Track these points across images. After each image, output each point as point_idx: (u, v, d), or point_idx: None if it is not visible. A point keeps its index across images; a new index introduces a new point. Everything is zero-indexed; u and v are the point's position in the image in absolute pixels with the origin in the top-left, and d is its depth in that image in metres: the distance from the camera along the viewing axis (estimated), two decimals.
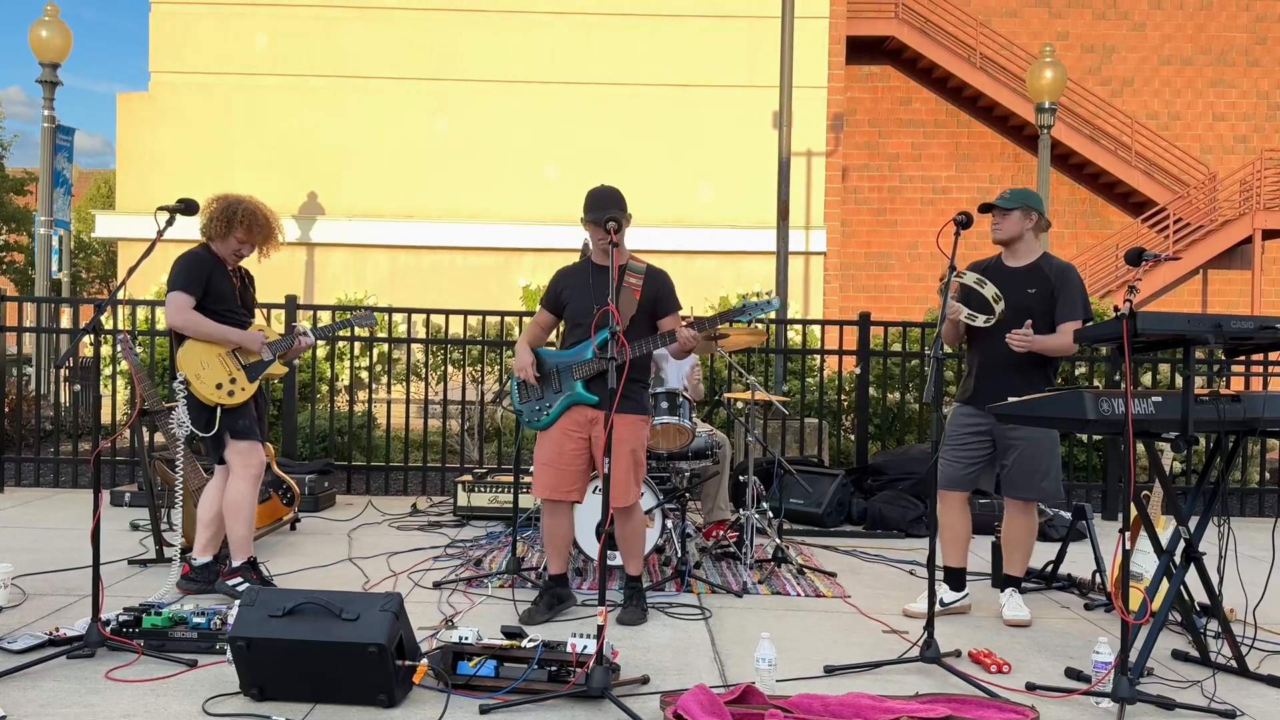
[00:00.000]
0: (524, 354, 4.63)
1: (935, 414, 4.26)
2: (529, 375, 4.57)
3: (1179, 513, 4.05)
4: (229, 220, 4.68)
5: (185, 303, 4.63)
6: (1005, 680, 3.84)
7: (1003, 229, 4.71)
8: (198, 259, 4.70)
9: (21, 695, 3.43)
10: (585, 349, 4.51)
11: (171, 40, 14.45)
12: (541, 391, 4.57)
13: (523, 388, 4.64)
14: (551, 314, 4.70)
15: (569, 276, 4.67)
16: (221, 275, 4.73)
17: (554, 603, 4.58)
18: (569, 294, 4.60)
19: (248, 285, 4.93)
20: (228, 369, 4.69)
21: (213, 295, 4.68)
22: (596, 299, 4.46)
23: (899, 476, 7.35)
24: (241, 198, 4.77)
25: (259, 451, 4.76)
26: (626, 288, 4.52)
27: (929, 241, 17.55)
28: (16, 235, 27.75)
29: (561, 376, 4.54)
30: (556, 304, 4.65)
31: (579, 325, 4.56)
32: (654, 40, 14.44)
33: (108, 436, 7.70)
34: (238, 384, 4.69)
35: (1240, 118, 19.14)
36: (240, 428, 4.70)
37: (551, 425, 4.53)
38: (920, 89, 18.86)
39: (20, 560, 5.05)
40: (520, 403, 4.66)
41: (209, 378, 4.65)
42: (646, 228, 12.97)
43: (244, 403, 4.72)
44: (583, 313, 4.53)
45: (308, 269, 14.42)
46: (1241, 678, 3.93)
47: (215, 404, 4.65)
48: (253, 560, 4.76)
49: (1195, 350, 3.88)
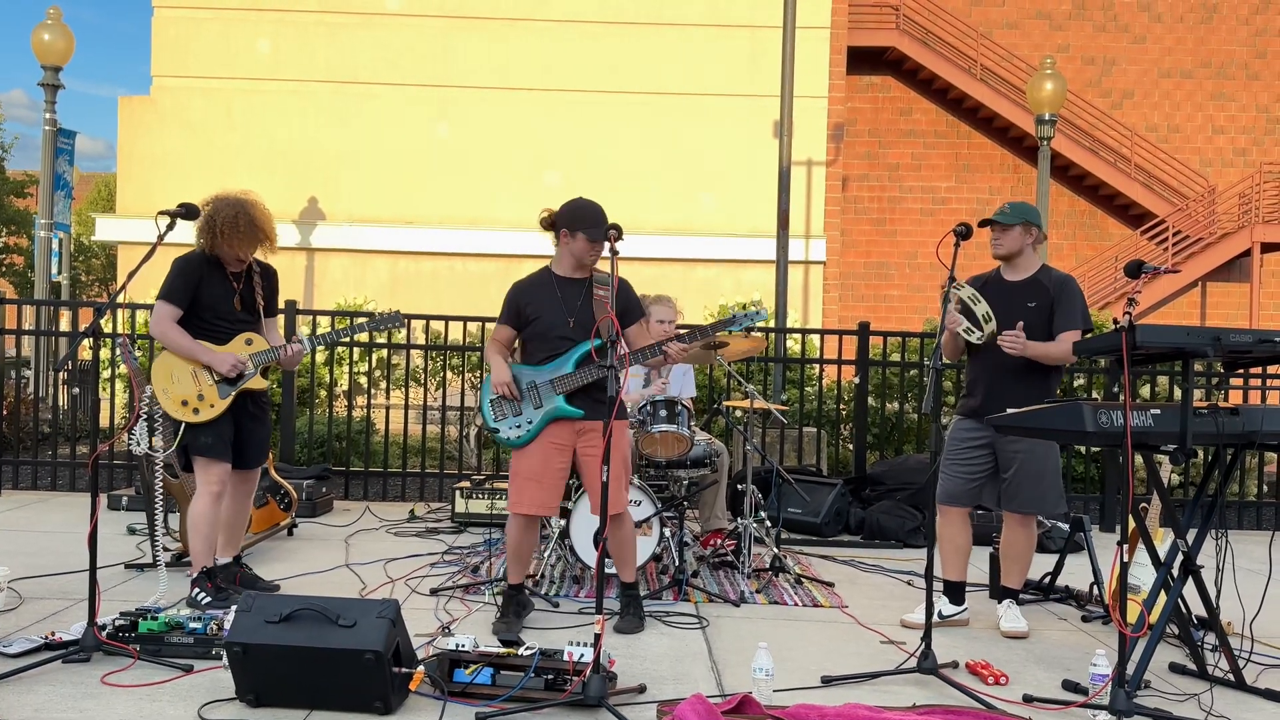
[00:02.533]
0: (504, 370, 4.49)
1: (934, 425, 4.26)
2: (511, 391, 4.45)
3: (1177, 525, 4.05)
4: (209, 234, 4.59)
5: (164, 314, 4.58)
6: (1002, 692, 3.84)
7: (1003, 244, 4.71)
8: (188, 265, 4.62)
9: (16, 699, 3.42)
10: (564, 362, 4.45)
11: (174, 44, 14.48)
12: (519, 408, 4.47)
13: (496, 405, 4.50)
14: (513, 330, 4.57)
15: (531, 290, 4.54)
16: (216, 281, 4.65)
17: (520, 611, 4.57)
18: (535, 308, 4.48)
19: (254, 286, 4.78)
20: (197, 385, 4.58)
21: (202, 304, 4.61)
22: (569, 312, 4.45)
23: (897, 486, 7.35)
24: (228, 200, 4.63)
25: (218, 470, 4.62)
26: (599, 300, 4.49)
27: (928, 252, 17.55)
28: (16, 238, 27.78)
29: (540, 392, 4.45)
30: (519, 319, 4.53)
31: (549, 339, 4.47)
32: (656, 49, 14.48)
33: (106, 440, 7.69)
34: (205, 400, 4.58)
35: (1240, 131, 19.18)
36: (200, 445, 4.59)
37: (531, 441, 4.48)
38: (921, 100, 18.90)
39: (17, 563, 5.04)
40: (495, 420, 4.51)
41: (175, 392, 4.58)
42: (647, 235, 13.02)
43: (212, 420, 4.59)
44: (555, 326, 4.46)
45: (308, 274, 14.42)
46: (1239, 691, 3.93)
47: (178, 420, 4.58)
48: (208, 570, 4.67)
49: (1194, 363, 3.89)
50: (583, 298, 4.51)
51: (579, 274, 4.55)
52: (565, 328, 4.46)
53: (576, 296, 4.50)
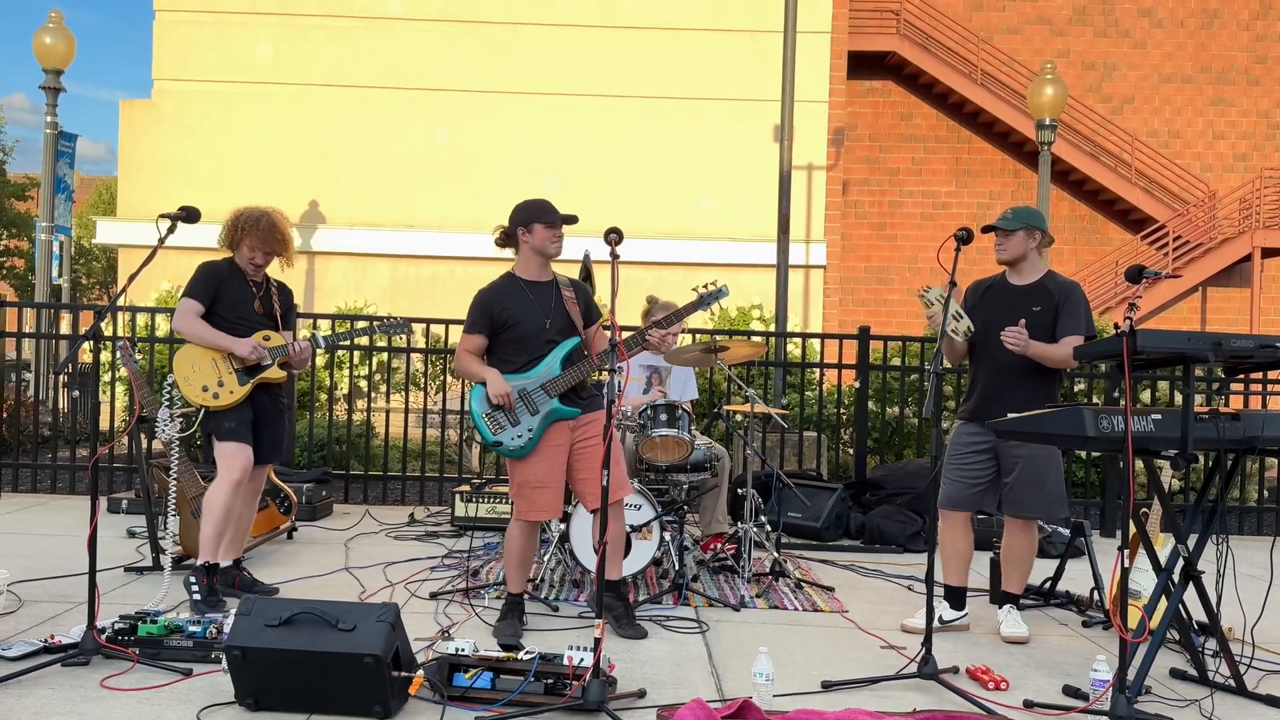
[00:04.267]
0: (500, 381, 4.40)
1: (935, 429, 4.26)
2: (512, 400, 4.38)
3: (1178, 530, 4.04)
4: (233, 230, 4.81)
5: (188, 308, 4.78)
6: (1003, 697, 3.83)
7: (1007, 249, 4.71)
8: (212, 269, 4.84)
9: (16, 703, 3.41)
10: (550, 365, 4.45)
11: (175, 48, 14.49)
12: (516, 418, 4.43)
13: (491, 418, 4.43)
14: (485, 338, 4.51)
15: (502, 296, 4.50)
16: (237, 284, 4.84)
17: (521, 615, 4.56)
18: (511, 313, 4.45)
19: (271, 296, 4.96)
20: (218, 373, 4.75)
21: (224, 303, 4.81)
22: (545, 314, 4.47)
23: (898, 491, 7.34)
24: (252, 209, 4.85)
25: (241, 455, 4.74)
26: (566, 300, 4.53)
27: (929, 256, 17.57)
28: (17, 240, 27.76)
29: (533, 398, 4.43)
30: (493, 325, 4.48)
31: (527, 343, 4.45)
32: (656, 53, 14.49)
33: (106, 443, 7.69)
34: (225, 387, 4.74)
35: (1240, 136, 19.19)
36: (224, 430, 4.74)
37: (534, 448, 4.47)
38: (921, 104, 18.91)
39: (16, 566, 5.03)
40: (493, 434, 4.44)
41: (196, 380, 4.74)
42: (646, 239, 13.01)
43: (231, 406, 4.74)
44: (534, 329, 4.46)
45: (308, 277, 14.42)
46: (1239, 697, 3.92)
47: (199, 405, 4.74)
48: (210, 565, 4.71)
49: (1195, 368, 3.88)
50: (555, 299, 4.53)
51: (544, 276, 4.57)
52: (543, 329, 4.47)
53: (548, 298, 4.52)
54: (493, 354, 4.55)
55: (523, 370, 4.47)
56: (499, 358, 4.53)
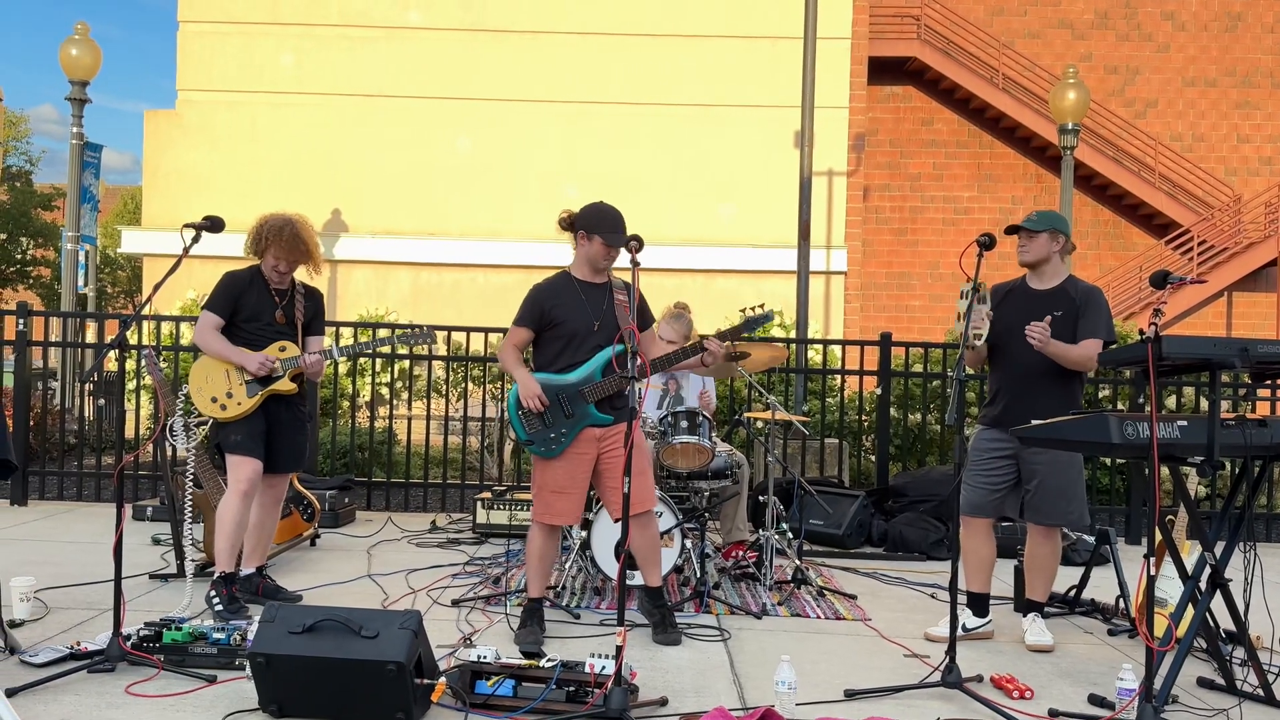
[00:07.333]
0: (532, 382, 4.43)
1: (958, 436, 4.24)
2: (543, 403, 4.39)
3: (1204, 538, 4.00)
4: (257, 238, 4.83)
5: (205, 322, 4.83)
6: (1028, 706, 3.80)
7: (1030, 251, 4.70)
8: (233, 281, 4.86)
9: (43, 709, 3.44)
10: (592, 370, 4.45)
11: (199, 59, 14.61)
12: (551, 418, 4.44)
13: (528, 416, 4.45)
14: (532, 332, 4.52)
15: (555, 294, 4.51)
16: (258, 294, 4.86)
17: (539, 625, 4.54)
18: (561, 311, 4.46)
19: (295, 303, 4.94)
20: (228, 384, 4.78)
21: (244, 314, 4.83)
22: (595, 316, 4.46)
23: (920, 498, 7.30)
24: (276, 217, 4.85)
25: (246, 467, 4.75)
26: (618, 304, 4.50)
27: (950, 262, 17.50)
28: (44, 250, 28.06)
29: (571, 401, 4.44)
30: (541, 322, 4.49)
31: (574, 343, 4.45)
32: (676, 60, 14.50)
33: (131, 451, 7.75)
34: (234, 399, 4.77)
35: (1265, 140, 19.02)
36: (231, 442, 4.77)
37: (563, 452, 4.48)
38: (942, 109, 18.85)
39: (43, 574, 5.08)
40: (527, 432, 4.46)
41: (207, 391, 4.79)
42: (668, 246, 13.02)
43: (239, 418, 4.76)
44: (581, 331, 4.45)
45: (330, 285, 14.49)
46: (1268, 706, 3.88)
47: (208, 416, 4.79)
48: (228, 575, 4.75)
49: (1221, 374, 3.85)
50: (607, 301, 4.51)
51: (599, 278, 4.55)
52: (591, 332, 4.45)
53: (600, 300, 4.50)
54: (539, 348, 4.58)
55: (563, 371, 4.48)
56: (543, 354, 4.56)
